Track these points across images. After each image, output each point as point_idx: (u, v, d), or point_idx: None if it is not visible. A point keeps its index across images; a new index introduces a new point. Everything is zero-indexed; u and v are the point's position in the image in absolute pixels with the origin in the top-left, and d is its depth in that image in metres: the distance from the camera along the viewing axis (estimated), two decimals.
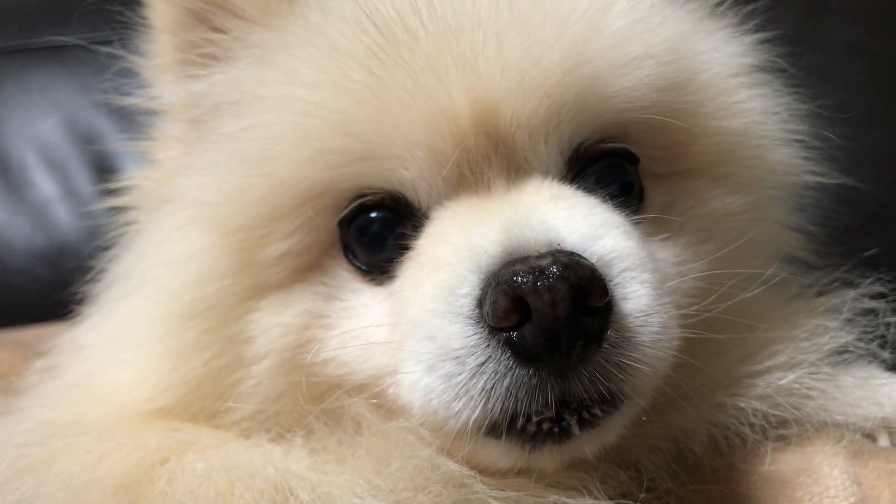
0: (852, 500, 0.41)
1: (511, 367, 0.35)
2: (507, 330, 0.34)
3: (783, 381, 0.44)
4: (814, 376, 0.46)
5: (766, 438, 0.44)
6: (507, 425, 0.36)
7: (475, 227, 0.37)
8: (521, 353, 0.35)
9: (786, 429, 0.45)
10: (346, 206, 0.40)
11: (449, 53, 0.39)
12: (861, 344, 0.49)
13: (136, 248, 0.49)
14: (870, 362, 0.49)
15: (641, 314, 0.37)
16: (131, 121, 1.24)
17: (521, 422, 0.36)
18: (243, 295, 0.42)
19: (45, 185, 1.22)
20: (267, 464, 0.39)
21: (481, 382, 0.35)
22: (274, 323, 0.42)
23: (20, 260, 1.18)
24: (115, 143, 1.24)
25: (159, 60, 0.53)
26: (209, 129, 0.46)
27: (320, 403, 0.41)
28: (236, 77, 0.45)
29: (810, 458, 0.43)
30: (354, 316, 0.41)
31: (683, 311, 0.42)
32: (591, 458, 0.39)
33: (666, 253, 0.44)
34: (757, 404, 0.44)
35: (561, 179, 0.41)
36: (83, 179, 1.23)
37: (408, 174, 0.39)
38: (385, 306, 0.40)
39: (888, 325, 0.49)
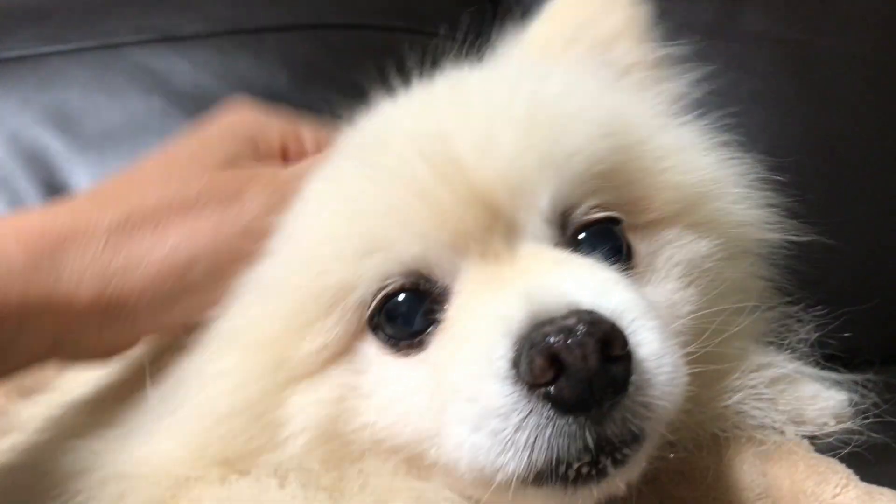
0: (757, 490, 0.49)
1: (551, 418, 0.39)
2: (545, 385, 0.39)
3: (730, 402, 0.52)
4: (754, 398, 0.54)
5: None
6: (550, 473, 0.41)
7: (498, 297, 0.43)
8: (559, 404, 0.40)
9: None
10: (373, 299, 0.45)
11: (443, 155, 0.46)
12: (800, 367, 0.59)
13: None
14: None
15: (655, 357, 0.42)
16: (76, 135, 1.25)
17: (563, 469, 0.40)
18: (277, 389, 0.46)
19: None
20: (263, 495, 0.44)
21: (525, 435, 0.39)
22: (310, 401, 0.46)
23: None
24: (61, 158, 1.25)
25: None
26: None
27: (352, 465, 0.46)
28: None
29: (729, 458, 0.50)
30: (389, 385, 0.46)
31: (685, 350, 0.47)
32: (622, 493, 0.44)
33: (659, 299, 0.50)
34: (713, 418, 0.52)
35: (556, 246, 0.47)
36: (30, 195, 1.23)
37: (411, 255, 0.45)
38: (420, 374, 0.45)
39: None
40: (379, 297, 0.45)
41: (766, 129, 1.30)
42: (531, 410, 0.40)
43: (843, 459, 0.54)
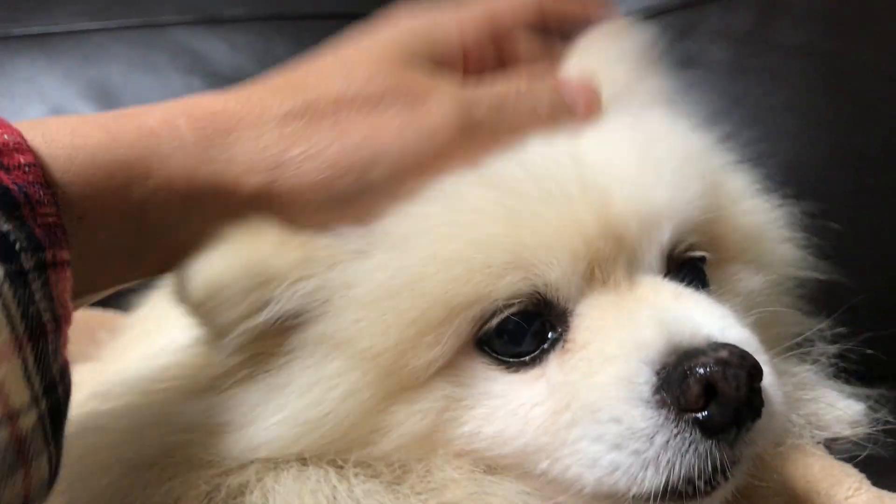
0: (773, 487, 0.51)
1: (695, 441, 0.43)
2: (695, 411, 0.43)
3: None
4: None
5: None
6: (677, 488, 0.44)
7: (632, 324, 0.46)
8: (707, 429, 0.43)
9: None
10: (492, 316, 0.47)
11: (596, 186, 0.49)
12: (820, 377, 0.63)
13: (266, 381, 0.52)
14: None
15: (771, 387, 0.46)
16: (116, 109, 1.28)
17: (697, 484, 0.44)
18: (385, 398, 0.48)
19: None
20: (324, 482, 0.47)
21: (668, 455, 0.43)
22: (415, 411, 0.48)
23: None
24: None
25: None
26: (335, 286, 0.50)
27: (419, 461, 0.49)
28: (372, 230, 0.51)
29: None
30: (496, 398, 0.48)
31: None
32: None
33: None
34: None
35: (664, 277, 0.51)
36: None
37: (552, 277, 0.47)
38: (536, 391, 0.47)
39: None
40: (502, 315, 0.47)
41: (796, 140, 1.31)
42: (676, 433, 0.43)
43: (856, 467, 0.56)
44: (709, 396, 0.42)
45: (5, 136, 0.42)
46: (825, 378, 0.62)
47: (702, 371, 0.42)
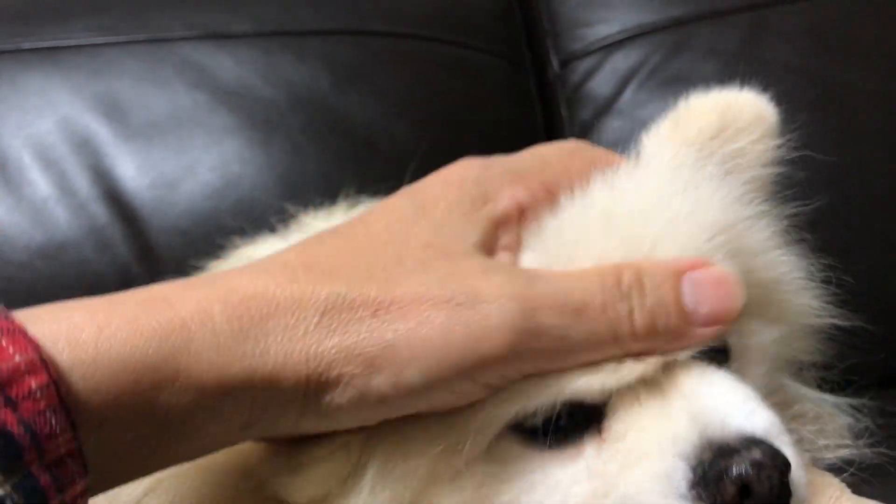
0: None
1: None
2: None
3: None
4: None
5: None
6: None
7: (666, 418, 0.49)
8: None
9: None
10: (521, 421, 0.51)
11: None
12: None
13: None
14: None
15: (796, 471, 0.48)
16: (125, 124, 1.31)
17: None
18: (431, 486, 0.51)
19: (42, 184, 1.27)
20: None
21: None
22: (451, 489, 0.51)
23: (20, 255, 1.23)
24: (109, 145, 1.31)
25: None
26: None
27: None
28: None
29: None
30: (533, 473, 0.51)
31: None
32: None
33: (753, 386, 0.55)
34: None
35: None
36: (79, 179, 1.28)
37: (577, 384, 0.50)
38: (573, 469, 0.50)
39: None
40: (541, 415, 0.50)
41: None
42: None
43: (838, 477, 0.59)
44: (743, 495, 0.45)
45: (17, 358, 0.39)
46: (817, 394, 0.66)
47: (736, 472, 0.45)
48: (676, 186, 0.55)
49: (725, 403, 0.49)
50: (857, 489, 0.58)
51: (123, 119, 1.32)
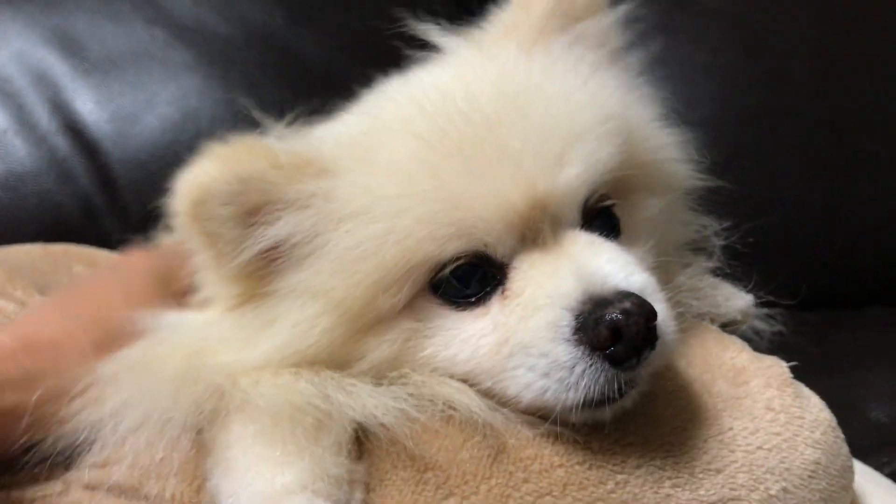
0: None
1: (604, 370, 0.54)
2: (605, 349, 0.54)
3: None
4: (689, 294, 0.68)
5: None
6: (590, 401, 0.55)
7: (556, 277, 0.57)
8: (613, 361, 0.54)
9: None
10: (443, 268, 0.57)
11: (511, 164, 0.57)
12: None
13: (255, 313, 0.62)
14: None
15: (664, 323, 0.56)
16: (82, 58, 1.33)
17: (608, 397, 0.55)
18: (355, 333, 0.58)
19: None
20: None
21: (584, 381, 0.54)
22: (382, 341, 0.58)
23: None
24: (67, 79, 1.33)
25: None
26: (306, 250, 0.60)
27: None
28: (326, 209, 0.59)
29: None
30: (448, 330, 0.59)
31: None
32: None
33: (639, 256, 0.63)
34: None
35: (580, 228, 0.60)
36: (38, 112, 1.30)
37: (491, 240, 0.57)
38: (482, 325, 0.58)
39: None
40: (450, 267, 0.57)
41: (713, 99, 1.43)
42: (591, 364, 0.54)
43: None
44: (615, 338, 0.54)
45: None
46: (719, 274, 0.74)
47: (609, 318, 0.53)
48: (566, 75, 0.62)
49: (606, 266, 0.57)
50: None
51: (80, 53, 1.34)
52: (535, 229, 0.58)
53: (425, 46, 0.74)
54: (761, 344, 0.78)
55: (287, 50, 1.39)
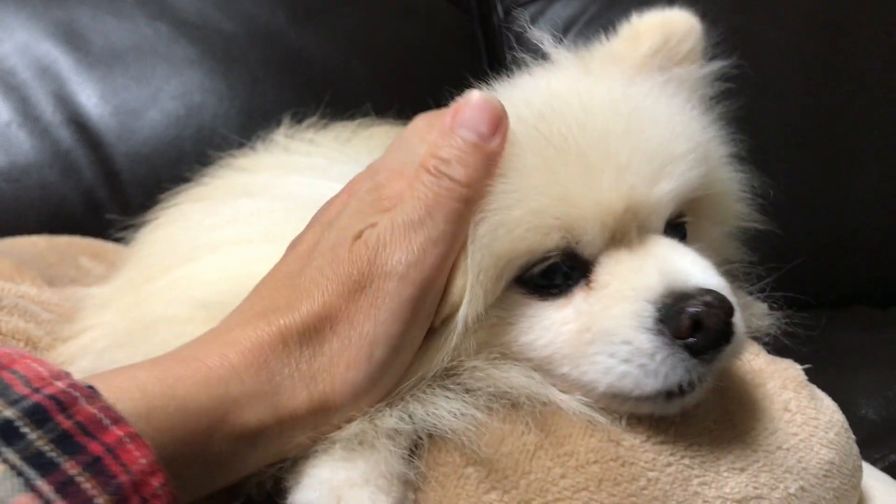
0: None
1: (684, 359, 0.57)
2: (685, 338, 0.57)
3: None
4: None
5: None
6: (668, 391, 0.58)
7: (641, 272, 0.60)
8: (693, 351, 0.57)
9: None
10: (537, 263, 0.60)
11: (615, 172, 0.60)
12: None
13: None
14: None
15: (738, 321, 0.59)
16: (86, 52, 1.33)
17: (685, 388, 0.58)
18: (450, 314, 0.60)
19: (3, 109, 1.28)
20: None
21: (664, 369, 0.57)
22: (477, 327, 0.60)
23: None
24: (71, 72, 1.33)
25: None
26: None
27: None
28: None
29: None
30: (532, 318, 0.61)
31: None
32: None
33: None
34: None
35: (663, 235, 0.64)
36: (42, 104, 1.30)
37: (585, 237, 0.60)
38: (564, 315, 0.61)
39: None
40: (544, 263, 0.60)
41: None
42: (671, 353, 0.57)
43: None
44: (696, 328, 0.57)
45: (142, 461, 0.45)
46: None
47: (692, 310, 0.56)
48: (666, 105, 0.67)
49: (688, 265, 0.61)
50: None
51: (84, 47, 1.34)
52: (624, 231, 0.61)
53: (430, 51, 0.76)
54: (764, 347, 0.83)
55: (289, 48, 1.40)
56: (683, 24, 0.75)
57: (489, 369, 0.60)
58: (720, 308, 0.57)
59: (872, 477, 0.73)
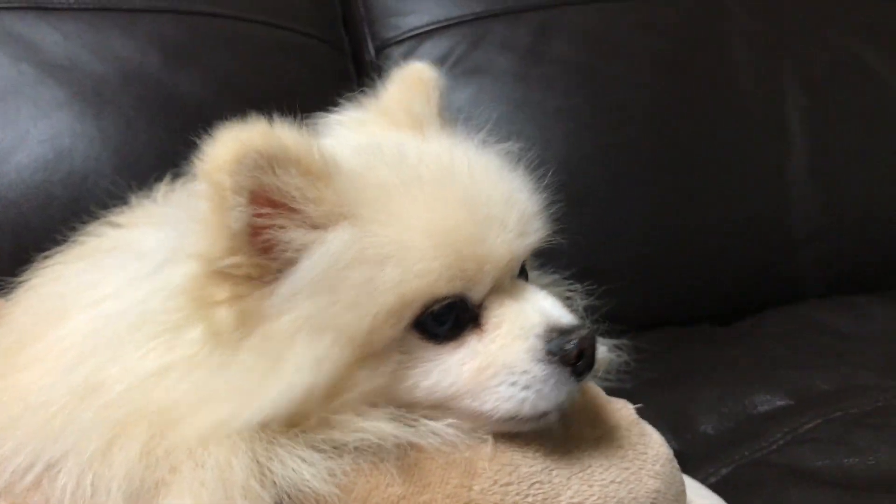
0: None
1: (568, 381, 0.68)
2: (571, 364, 0.68)
3: None
4: None
5: None
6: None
7: (523, 314, 0.70)
8: (577, 374, 0.69)
9: None
10: (431, 306, 0.66)
11: (500, 229, 0.70)
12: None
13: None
14: None
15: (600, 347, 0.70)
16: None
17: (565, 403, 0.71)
18: (351, 365, 0.65)
19: None
20: None
21: (555, 392, 0.68)
22: (374, 373, 0.65)
23: None
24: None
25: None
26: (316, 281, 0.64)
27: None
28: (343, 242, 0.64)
29: None
30: (430, 361, 0.68)
31: None
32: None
33: None
34: None
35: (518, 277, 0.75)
36: None
37: (479, 287, 0.69)
38: (460, 355, 0.69)
39: None
40: (439, 305, 0.67)
41: (565, 141, 1.56)
42: (558, 379, 0.68)
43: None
44: (580, 356, 0.68)
45: None
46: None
47: (576, 342, 0.68)
48: (502, 167, 0.76)
49: (551, 305, 0.72)
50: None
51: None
52: (503, 279, 0.71)
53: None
54: (612, 377, 0.91)
55: (162, 90, 1.39)
56: (431, 73, 0.84)
57: (358, 422, 0.65)
58: (592, 339, 0.69)
59: (700, 496, 0.82)
